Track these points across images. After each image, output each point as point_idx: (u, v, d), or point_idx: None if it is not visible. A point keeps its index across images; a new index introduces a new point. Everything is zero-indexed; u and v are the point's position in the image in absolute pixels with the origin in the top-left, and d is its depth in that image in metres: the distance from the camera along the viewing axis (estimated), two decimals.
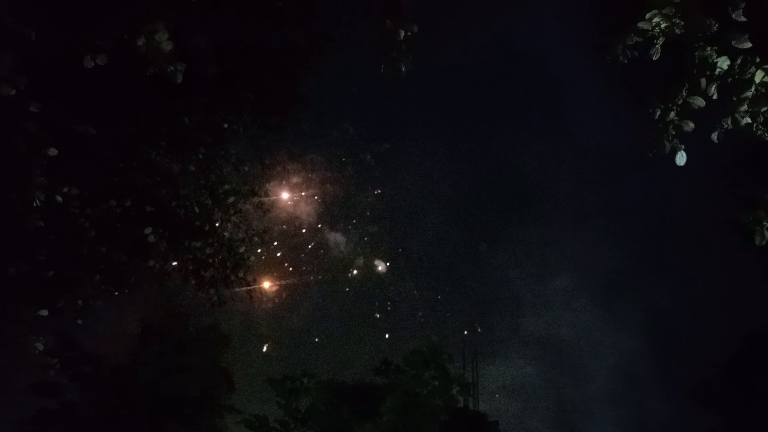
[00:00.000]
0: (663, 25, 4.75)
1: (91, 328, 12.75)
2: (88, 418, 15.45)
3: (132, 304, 13.38)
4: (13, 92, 7.43)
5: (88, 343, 14.39)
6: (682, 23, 4.74)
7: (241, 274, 10.77)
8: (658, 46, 4.99)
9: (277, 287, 11.44)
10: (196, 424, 16.67)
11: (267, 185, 11.52)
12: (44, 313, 8.70)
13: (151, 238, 10.51)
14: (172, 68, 6.87)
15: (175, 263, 11.00)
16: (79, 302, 10.58)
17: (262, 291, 10.85)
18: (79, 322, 11.04)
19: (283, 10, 9.64)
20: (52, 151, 7.73)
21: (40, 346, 9.20)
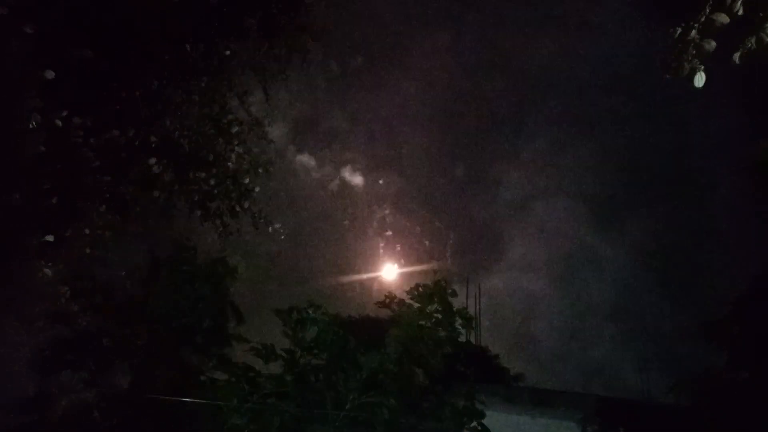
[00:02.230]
0: None
1: (101, 258, 12.90)
2: (102, 346, 15.85)
3: (140, 235, 13.45)
4: (6, 11, 7.19)
5: (98, 272, 14.59)
6: None
7: (246, 205, 10.75)
8: None
9: (283, 218, 11.50)
10: (206, 352, 17.13)
11: (272, 115, 11.32)
12: (50, 238, 8.74)
13: (156, 169, 10.45)
14: None
15: (180, 194, 10.97)
16: (86, 231, 10.64)
17: (267, 222, 10.87)
18: (88, 251, 11.13)
19: None
20: (49, 74, 7.54)
21: (49, 273, 9.30)
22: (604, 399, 16.21)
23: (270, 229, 10.81)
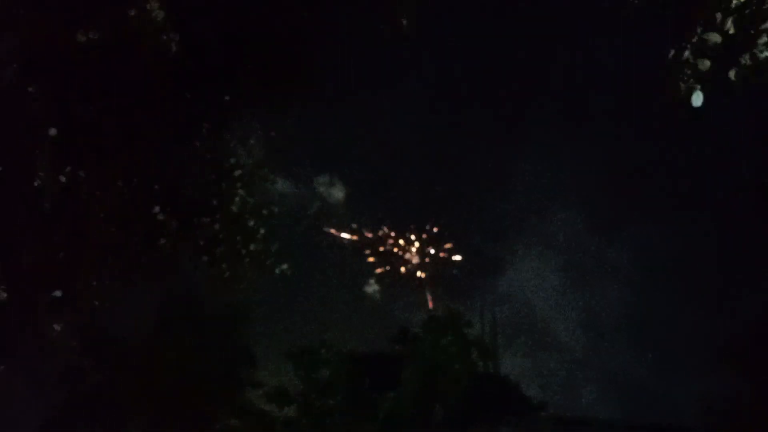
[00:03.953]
0: None
1: (109, 309, 12.84)
2: (114, 399, 15.66)
3: (148, 284, 13.42)
4: (13, 74, 7.33)
5: (107, 324, 14.49)
6: None
7: (252, 248, 10.73)
8: None
9: (289, 259, 11.49)
10: (220, 399, 16.86)
11: (273, 157, 11.40)
12: (58, 294, 8.75)
13: (160, 217, 10.48)
14: (166, 37, 6.72)
15: (185, 241, 10.98)
16: (94, 284, 10.63)
17: (275, 263, 10.83)
18: (96, 303, 11.11)
19: None
20: (53, 131, 7.64)
21: (57, 328, 9.28)
22: (630, 427, 15.72)
23: (277, 270, 10.76)
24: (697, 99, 5.26)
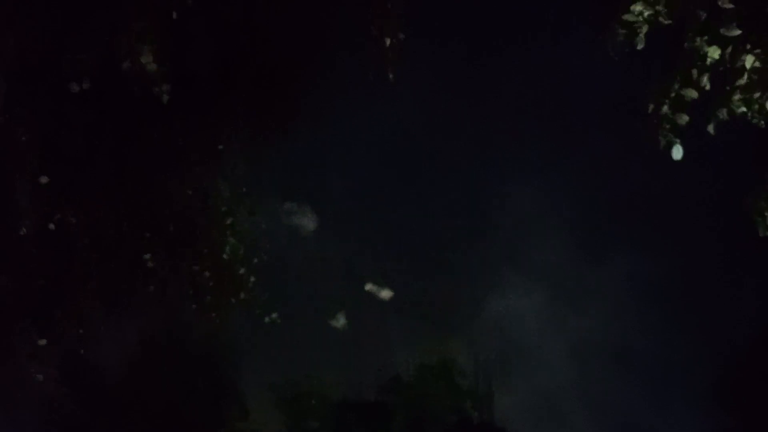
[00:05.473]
0: (646, 14, 4.68)
1: (95, 356, 12.64)
2: None
3: (135, 332, 13.26)
4: (2, 120, 7.43)
5: (93, 371, 14.24)
6: (666, 10, 4.66)
7: (242, 296, 10.66)
8: (641, 34, 4.89)
9: (279, 307, 11.40)
10: None
11: (266, 204, 11.45)
12: (43, 342, 8.64)
13: (150, 264, 10.44)
14: (158, 89, 6.86)
15: (175, 288, 10.91)
16: (81, 331, 10.49)
17: (264, 311, 10.75)
18: (81, 352, 10.96)
19: (276, 24, 9.62)
20: (44, 179, 7.70)
21: (40, 378, 9.12)
22: None
23: (267, 319, 10.68)
24: (677, 152, 5.38)
